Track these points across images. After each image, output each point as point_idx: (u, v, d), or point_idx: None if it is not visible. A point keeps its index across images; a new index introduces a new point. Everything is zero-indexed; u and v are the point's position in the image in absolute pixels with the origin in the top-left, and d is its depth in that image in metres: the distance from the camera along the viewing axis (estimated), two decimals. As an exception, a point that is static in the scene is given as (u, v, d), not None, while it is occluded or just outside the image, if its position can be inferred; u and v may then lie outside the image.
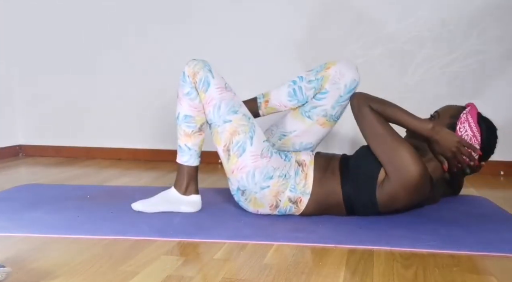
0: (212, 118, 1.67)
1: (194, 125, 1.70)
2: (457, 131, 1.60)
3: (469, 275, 1.21)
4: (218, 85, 1.66)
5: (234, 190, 1.69)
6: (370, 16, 2.52)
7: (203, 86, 1.65)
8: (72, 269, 1.24)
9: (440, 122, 1.62)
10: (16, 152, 3.06)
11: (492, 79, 2.43)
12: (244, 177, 1.63)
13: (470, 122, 1.59)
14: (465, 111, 1.62)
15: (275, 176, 1.63)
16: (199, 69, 1.66)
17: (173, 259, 1.30)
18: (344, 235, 1.50)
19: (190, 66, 1.67)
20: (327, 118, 1.74)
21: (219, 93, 1.65)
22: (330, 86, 1.70)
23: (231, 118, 1.64)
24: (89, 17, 2.88)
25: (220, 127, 1.65)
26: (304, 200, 1.64)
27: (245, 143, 1.63)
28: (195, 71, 1.66)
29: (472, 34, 2.42)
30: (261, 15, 2.64)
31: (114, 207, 1.80)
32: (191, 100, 1.68)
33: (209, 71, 1.66)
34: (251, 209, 1.69)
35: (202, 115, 1.70)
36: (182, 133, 1.72)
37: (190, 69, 1.67)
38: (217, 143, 1.68)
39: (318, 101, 1.72)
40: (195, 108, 1.69)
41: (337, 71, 1.69)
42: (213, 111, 1.65)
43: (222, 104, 1.65)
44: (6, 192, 2.07)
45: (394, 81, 2.51)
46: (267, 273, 1.21)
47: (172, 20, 2.77)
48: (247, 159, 1.63)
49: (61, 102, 3.00)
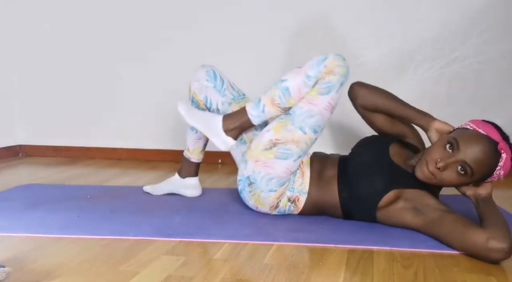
0: (298, 115, 1.60)
1: (284, 106, 1.62)
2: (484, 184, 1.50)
3: (469, 275, 1.21)
4: (334, 101, 1.59)
5: (244, 176, 1.66)
6: (370, 16, 2.51)
7: (325, 89, 1.56)
8: (72, 269, 1.24)
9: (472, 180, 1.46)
10: (16, 152, 3.06)
11: (492, 79, 2.43)
12: (262, 174, 1.61)
13: (500, 177, 1.48)
14: (499, 167, 1.44)
15: (285, 183, 1.64)
16: (338, 69, 1.56)
17: (173, 259, 1.30)
18: (344, 235, 1.50)
19: (336, 60, 1.56)
20: (234, 102, 1.78)
21: (325, 108, 1.58)
22: (202, 93, 1.78)
23: (307, 132, 1.60)
24: (88, 18, 2.88)
25: (292, 127, 1.60)
26: (302, 199, 1.64)
27: (292, 156, 1.60)
28: (332, 68, 1.56)
29: (472, 34, 2.42)
30: (261, 15, 2.64)
31: (114, 207, 1.80)
32: (304, 86, 1.59)
33: (340, 83, 1.57)
34: (251, 203, 1.69)
35: (293, 102, 1.61)
36: (269, 99, 1.63)
37: (333, 63, 1.56)
38: (275, 130, 1.62)
39: (212, 107, 1.79)
40: (301, 94, 1.60)
41: (193, 82, 1.79)
42: (305, 113, 1.59)
43: (315, 118, 1.59)
44: (6, 192, 2.07)
45: (394, 81, 2.51)
46: (267, 273, 1.21)
47: (177, 22, 2.76)
48: (279, 166, 1.60)
49: (61, 102, 2.99)
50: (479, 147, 1.41)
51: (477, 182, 1.49)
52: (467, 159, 1.41)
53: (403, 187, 1.54)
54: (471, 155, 1.41)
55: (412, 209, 1.50)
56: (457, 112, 2.42)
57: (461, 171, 1.43)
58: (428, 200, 1.50)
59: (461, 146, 1.42)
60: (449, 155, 1.44)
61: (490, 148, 1.41)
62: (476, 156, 1.41)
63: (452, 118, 1.71)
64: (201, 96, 1.81)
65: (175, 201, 1.91)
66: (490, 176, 1.46)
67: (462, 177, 1.44)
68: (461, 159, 1.42)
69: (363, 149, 1.71)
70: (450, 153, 1.44)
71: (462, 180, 1.46)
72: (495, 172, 1.45)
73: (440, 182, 1.49)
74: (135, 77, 2.86)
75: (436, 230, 1.42)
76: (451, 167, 1.44)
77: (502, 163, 1.44)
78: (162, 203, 1.89)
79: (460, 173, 1.43)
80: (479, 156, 1.41)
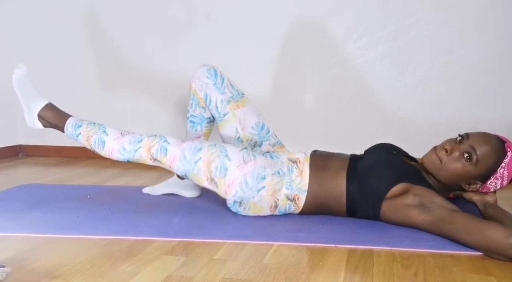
0: (184, 169, 1.67)
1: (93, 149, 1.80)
2: (487, 184, 1.53)
3: (469, 275, 1.21)
4: (174, 144, 1.68)
5: (231, 203, 1.68)
6: (370, 16, 2.52)
7: (161, 154, 1.69)
8: (72, 269, 1.24)
9: (476, 170, 1.49)
10: (16, 152, 3.06)
11: (492, 79, 2.43)
12: (238, 189, 1.63)
13: (504, 180, 1.50)
14: (504, 164, 1.48)
15: (267, 174, 1.62)
16: (154, 143, 1.70)
17: (173, 259, 1.30)
18: (344, 235, 1.50)
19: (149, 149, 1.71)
20: (232, 101, 1.81)
21: (178, 148, 1.67)
22: (202, 90, 1.82)
23: (199, 156, 1.65)
24: (90, 18, 2.88)
25: (195, 170, 1.66)
26: (302, 197, 1.64)
27: (223, 162, 1.63)
28: (151, 151, 1.70)
29: (472, 34, 2.42)
30: (261, 15, 2.64)
31: (114, 207, 1.80)
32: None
33: (164, 141, 1.69)
34: (252, 214, 1.68)
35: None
36: (86, 135, 1.79)
37: (146, 149, 1.71)
38: (200, 182, 1.68)
39: (211, 104, 1.83)
40: (111, 155, 1.77)
41: (194, 80, 1.84)
42: (180, 163, 1.67)
43: (185, 152, 1.66)
44: (6, 192, 2.07)
45: (394, 81, 2.51)
46: (267, 273, 1.21)
47: (177, 23, 2.77)
48: (233, 173, 1.62)
49: (61, 102, 2.98)
50: (487, 139, 1.49)
51: (481, 178, 1.50)
52: (474, 145, 1.48)
53: (413, 182, 1.54)
54: (478, 143, 1.48)
55: (420, 206, 1.48)
56: (457, 112, 2.42)
57: (466, 158, 1.48)
58: (437, 198, 1.49)
59: (471, 137, 1.50)
60: (458, 143, 1.52)
61: (497, 143, 1.49)
62: (483, 145, 1.48)
63: (452, 119, 1.71)
64: (201, 94, 1.83)
65: (175, 201, 1.91)
66: (494, 173, 1.47)
67: (467, 164, 1.48)
68: (469, 144, 1.48)
69: (377, 149, 1.73)
70: (460, 143, 1.52)
71: (466, 168, 1.49)
72: (499, 168, 1.47)
73: (444, 169, 1.51)
74: (135, 77, 2.86)
75: (447, 227, 1.40)
76: (458, 151, 1.50)
77: (507, 160, 1.48)
78: (162, 203, 1.89)
79: (465, 160, 1.48)
80: (486, 146, 1.48)
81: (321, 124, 2.62)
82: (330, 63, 2.58)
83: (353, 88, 2.55)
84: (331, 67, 2.58)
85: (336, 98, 2.59)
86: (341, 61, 2.56)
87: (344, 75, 2.56)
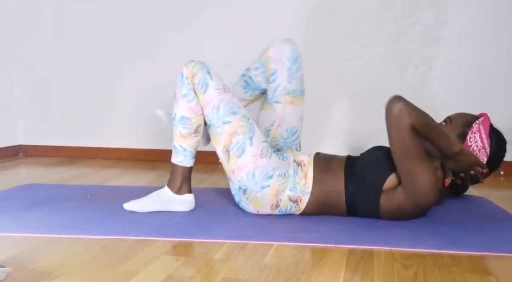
0: (211, 120, 1.66)
1: (190, 127, 1.70)
2: (467, 141, 1.61)
3: (469, 275, 1.21)
4: (217, 86, 1.66)
5: (236, 189, 1.68)
6: (370, 16, 2.52)
7: (202, 87, 1.65)
8: (72, 269, 1.24)
9: (452, 129, 1.64)
10: (16, 152, 3.06)
11: (492, 79, 2.43)
12: (244, 177, 1.63)
13: (481, 133, 1.60)
14: (478, 121, 1.63)
15: (274, 175, 1.63)
16: (197, 71, 1.66)
17: (173, 259, 1.30)
18: (344, 235, 1.50)
19: (189, 67, 1.67)
20: (292, 95, 1.79)
21: (218, 95, 1.65)
22: (275, 64, 1.77)
23: (230, 120, 1.64)
24: (88, 18, 2.88)
25: (219, 129, 1.65)
26: (304, 199, 1.64)
27: (245, 143, 1.63)
28: (193, 72, 1.66)
29: (472, 34, 2.42)
30: (260, 15, 2.64)
31: (114, 207, 1.80)
32: (188, 102, 1.68)
33: (207, 72, 1.66)
34: (252, 209, 1.69)
35: (198, 117, 1.70)
36: (178, 134, 1.72)
37: (189, 70, 1.67)
38: (216, 143, 1.68)
39: (273, 83, 1.79)
40: (192, 110, 1.69)
41: (275, 49, 1.79)
42: (212, 113, 1.65)
43: (221, 106, 1.64)
44: (6, 192, 2.07)
45: (394, 81, 2.51)
46: (267, 273, 1.21)
47: (177, 22, 2.77)
48: (247, 159, 1.63)
49: (61, 102, 3.00)
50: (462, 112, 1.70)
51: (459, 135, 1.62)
52: (451, 116, 1.69)
53: None
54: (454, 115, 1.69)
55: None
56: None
57: (443, 122, 1.67)
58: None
59: (453, 120, 1.67)
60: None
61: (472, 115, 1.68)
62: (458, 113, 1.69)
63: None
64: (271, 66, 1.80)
65: (175, 201, 1.91)
66: (470, 128, 1.61)
67: (445, 126, 1.65)
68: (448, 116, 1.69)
69: (372, 150, 1.75)
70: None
71: (444, 129, 1.62)
72: (474, 124, 1.62)
73: None
74: (135, 77, 2.86)
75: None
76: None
77: (482, 119, 1.62)
78: (162, 203, 1.89)
79: (442, 123, 1.67)
80: (460, 113, 1.69)
81: (321, 124, 2.62)
82: (330, 63, 2.58)
83: (353, 88, 2.56)
84: (331, 67, 2.58)
85: (336, 98, 2.59)
86: (341, 61, 2.56)
87: (344, 75, 2.56)
